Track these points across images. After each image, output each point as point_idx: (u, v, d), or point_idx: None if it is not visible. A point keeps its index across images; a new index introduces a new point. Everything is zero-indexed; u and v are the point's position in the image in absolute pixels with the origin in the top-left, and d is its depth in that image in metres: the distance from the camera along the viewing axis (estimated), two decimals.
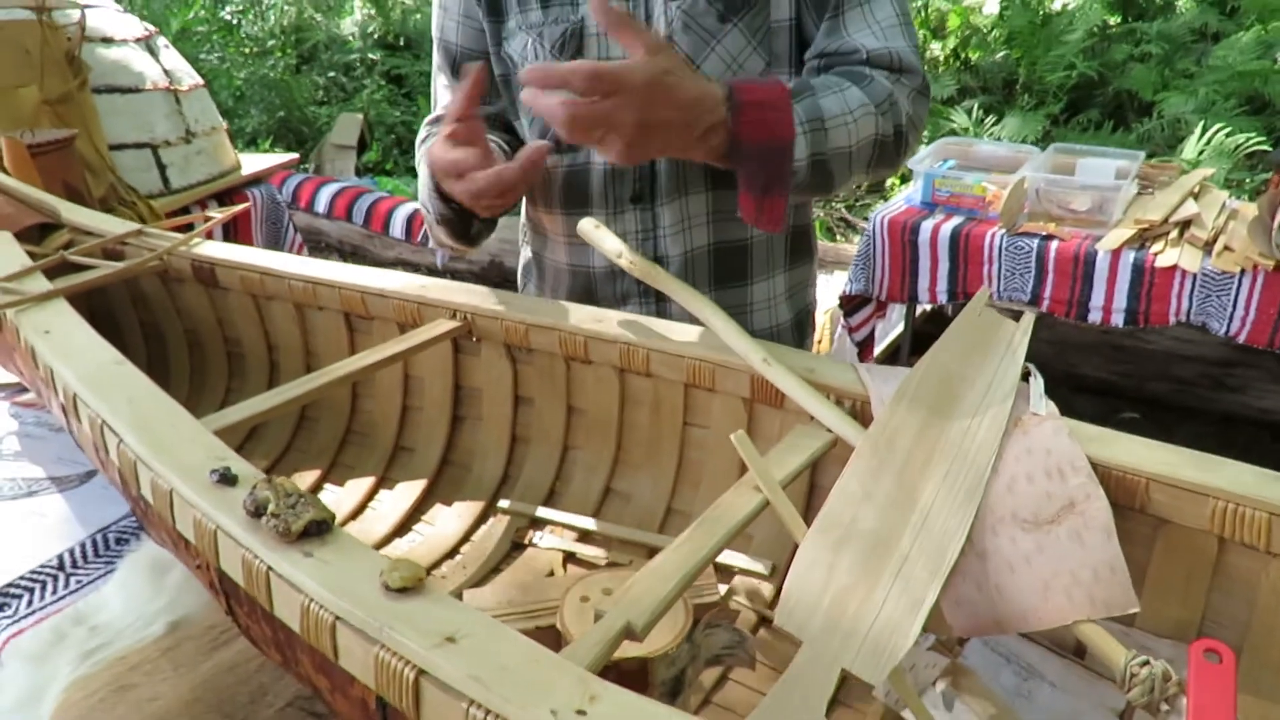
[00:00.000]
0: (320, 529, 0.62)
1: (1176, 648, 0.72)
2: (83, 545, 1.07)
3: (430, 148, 0.98)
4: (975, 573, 0.70)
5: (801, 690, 0.62)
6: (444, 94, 1.17)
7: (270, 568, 0.61)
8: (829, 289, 3.12)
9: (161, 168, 2.35)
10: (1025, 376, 0.80)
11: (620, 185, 1.07)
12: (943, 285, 2.30)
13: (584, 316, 1.00)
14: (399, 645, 0.53)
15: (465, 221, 1.04)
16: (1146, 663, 0.63)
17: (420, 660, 0.53)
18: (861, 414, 0.83)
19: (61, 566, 1.04)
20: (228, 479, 0.68)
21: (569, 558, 0.97)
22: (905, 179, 4.22)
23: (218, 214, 1.28)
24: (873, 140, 0.95)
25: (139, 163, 2.33)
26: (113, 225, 1.25)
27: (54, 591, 0.99)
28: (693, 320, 0.97)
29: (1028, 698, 0.75)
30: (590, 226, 0.98)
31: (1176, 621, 0.73)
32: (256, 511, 0.63)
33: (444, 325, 1.04)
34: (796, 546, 0.71)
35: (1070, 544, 0.69)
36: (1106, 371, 2.91)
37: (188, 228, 1.29)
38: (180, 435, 0.75)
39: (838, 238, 4.43)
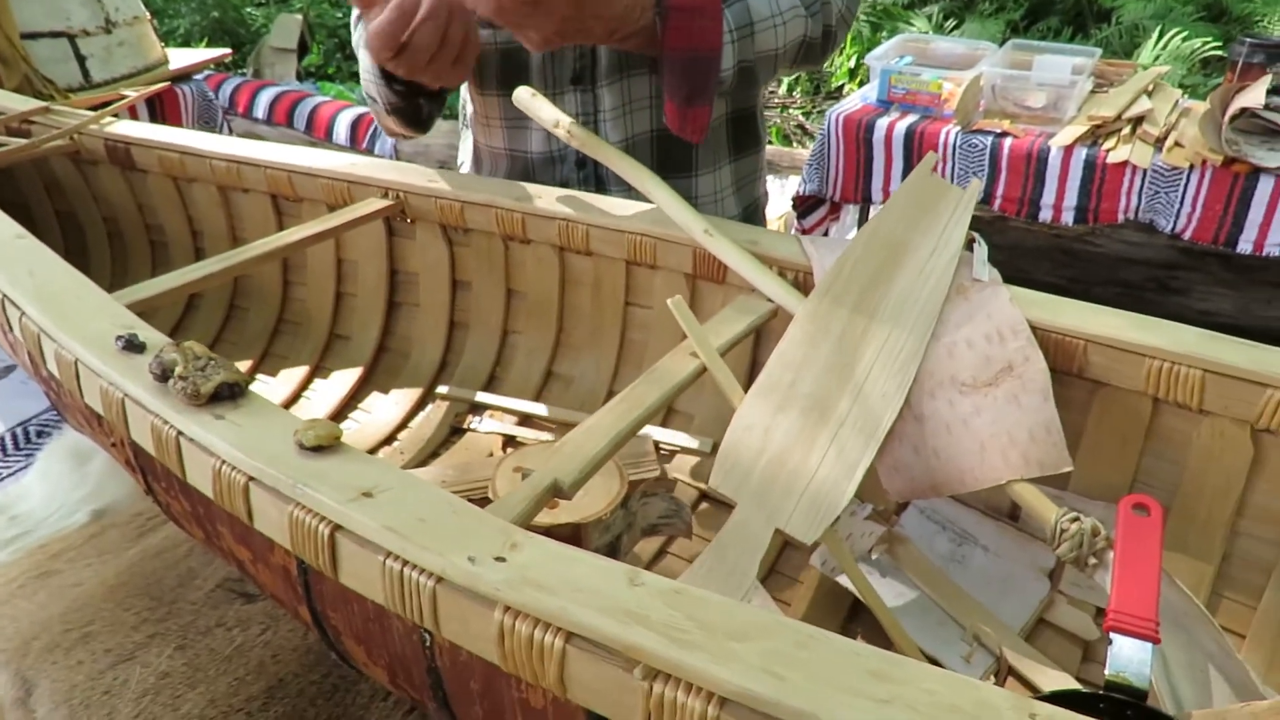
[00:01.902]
0: (233, 392, 0.59)
1: (1108, 509, 0.73)
2: (1, 439, 1.03)
3: (365, 29, 0.91)
4: (913, 436, 0.70)
5: (735, 549, 0.61)
6: None
7: (180, 432, 0.58)
8: (786, 194, 3.09)
9: (80, 59, 2.21)
10: (970, 245, 0.78)
11: (559, 65, 1.01)
12: (897, 184, 2.27)
13: (521, 194, 0.96)
14: (313, 502, 0.51)
15: (413, 104, 0.98)
16: (1076, 519, 0.63)
17: (335, 515, 0.50)
18: (804, 285, 0.81)
19: None
20: (134, 345, 0.64)
21: (509, 441, 0.96)
22: (858, 77, 4.15)
23: (132, 93, 1.20)
24: (800, 41, 0.95)
25: (55, 53, 2.19)
26: (17, 102, 1.17)
27: None
28: (634, 197, 0.93)
29: (962, 562, 0.76)
30: (527, 95, 0.93)
31: (1109, 484, 0.73)
32: (163, 375, 0.60)
33: (376, 204, 0.99)
34: (730, 422, 0.69)
35: (1007, 406, 0.68)
36: (1056, 276, 2.93)
37: (101, 109, 1.21)
38: (86, 307, 0.71)
39: (794, 144, 4.37)
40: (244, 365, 1.09)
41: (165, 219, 1.19)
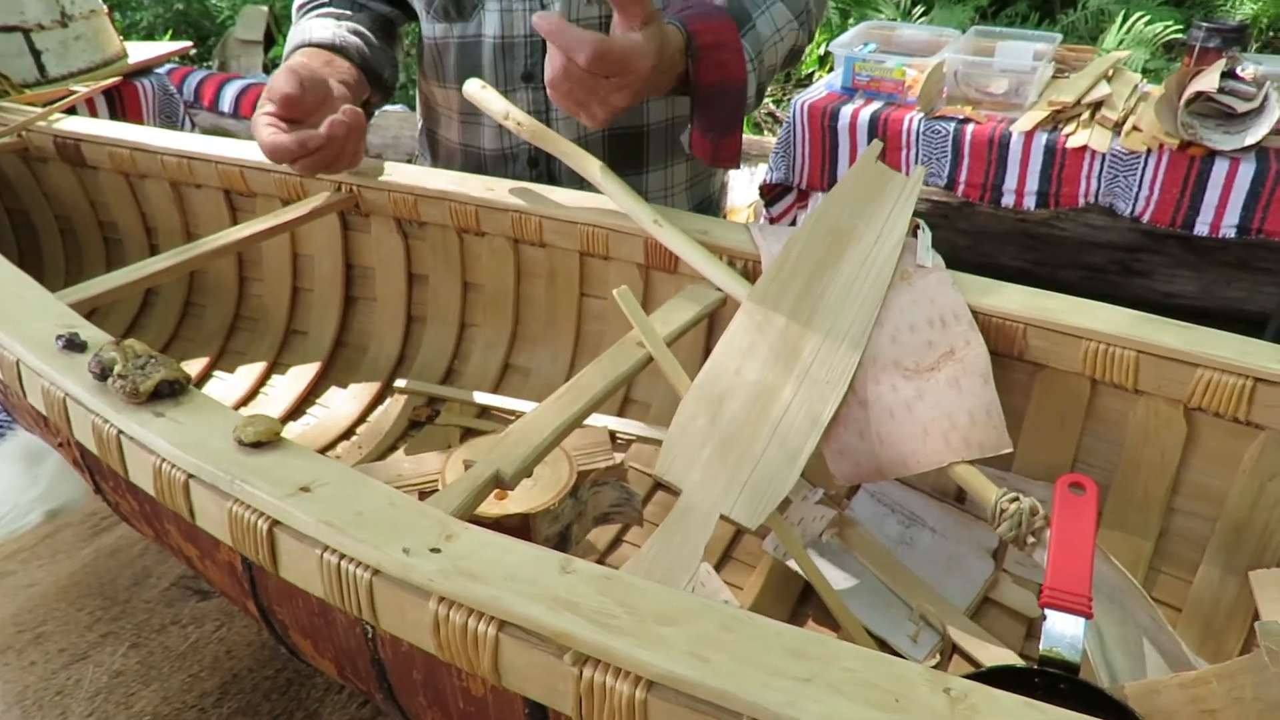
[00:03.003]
0: (173, 389, 0.59)
1: (1049, 489, 0.74)
2: None
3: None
4: (857, 421, 0.71)
5: (680, 535, 0.62)
6: None
7: (120, 430, 0.58)
8: (755, 182, 3.09)
9: (36, 54, 2.17)
10: (914, 231, 0.79)
11: (511, 60, 1.01)
12: None
13: (475, 185, 0.96)
14: (251, 498, 0.51)
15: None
16: (1016, 499, 0.65)
17: (273, 511, 0.51)
18: (754, 274, 0.81)
19: None
20: (75, 344, 0.64)
21: (468, 434, 0.96)
22: (827, 65, 4.16)
23: (82, 89, 1.18)
24: (790, 50, 0.99)
25: (10, 48, 2.15)
26: None
27: None
28: (586, 189, 0.94)
29: (911, 544, 0.77)
30: (476, 87, 0.93)
31: (1050, 465, 0.74)
32: (103, 374, 0.59)
33: (329, 197, 0.99)
34: (676, 411, 0.70)
35: (949, 390, 0.70)
36: (1022, 260, 2.96)
37: (49, 105, 1.19)
38: (28, 306, 0.71)
39: (764, 132, 4.37)
40: (201, 362, 1.08)
41: (118, 216, 1.18)
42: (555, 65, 0.75)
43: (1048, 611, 0.57)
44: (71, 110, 1.16)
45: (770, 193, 2.49)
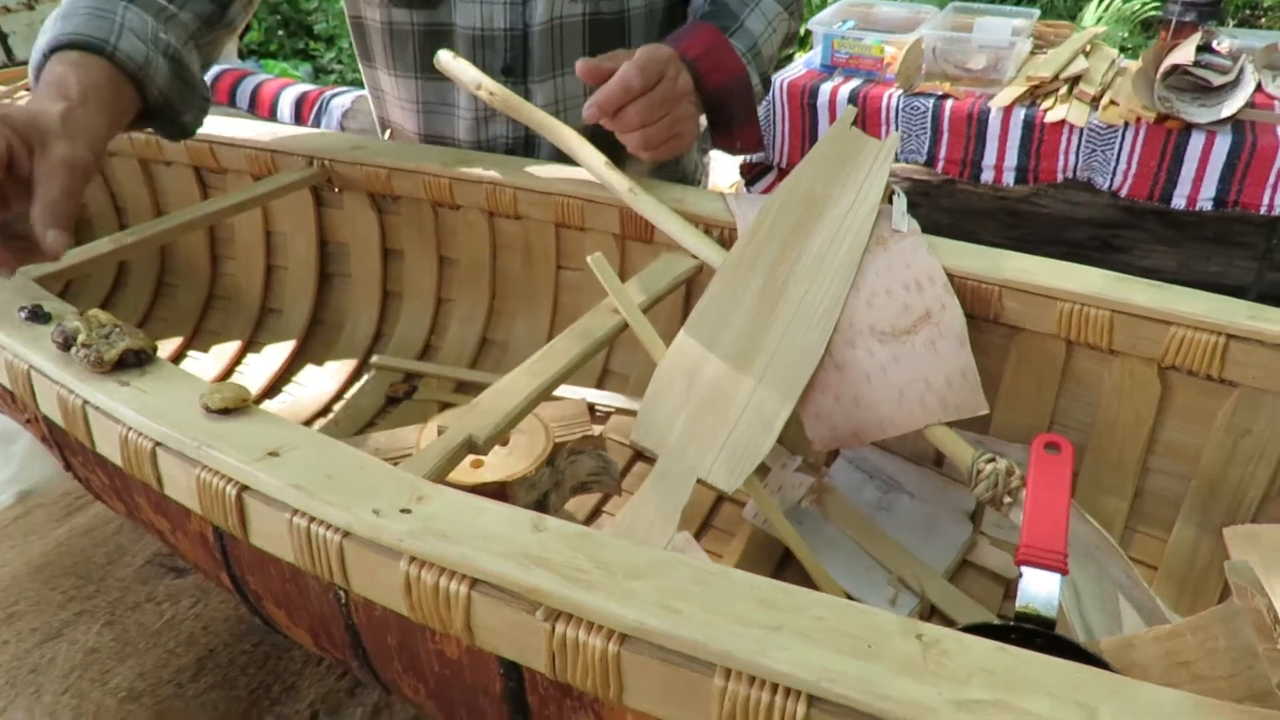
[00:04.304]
0: (139, 359, 0.58)
1: (1025, 451, 0.74)
2: None
3: None
4: (834, 385, 0.70)
5: (657, 500, 0.61)
6: None
7: (85, 401, 0.57)
8: (736, 161, 3.08)
9: (3, 36, 2.15)
10: (890, 196, 0.79)
11: (490, 53, 0.97)
12: None
13: (448, 158, 0.95)
14: (219, 463, 0.51)
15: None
16: (992, 460, 0.65)
17: (241, 476, 0.50)
18: (729, 241, 0.81)
19: None
20: (38, 315, 0.63)
21: (444, 409, 0.95)
22: (807, 44, 4.14)
23: None
24: (784, 37, 1.00)
25: None
26: None
27: None
28: (562, 160, 0.93)
29: (889, 509, 0.78)
30: (448, 58, 0.92)
31: (1028, 427, 0.75)
32: (66, 344, 0.58)
33: (301, 172, 0.98)
34: (651, 377, 0.70)
35: (925, 353, 0.70)
36: (1003, 237, 2.96)
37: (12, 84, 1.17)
38: None
39: None
40: (175, 342, 1.07)
41: (87, 195, 1.16)
42: (612, 92, 0.77)
43: (1024, 569, 0.57)
44: None
45: (751, 172, 2.48)
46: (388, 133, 1.11)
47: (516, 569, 0.42)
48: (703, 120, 0.93)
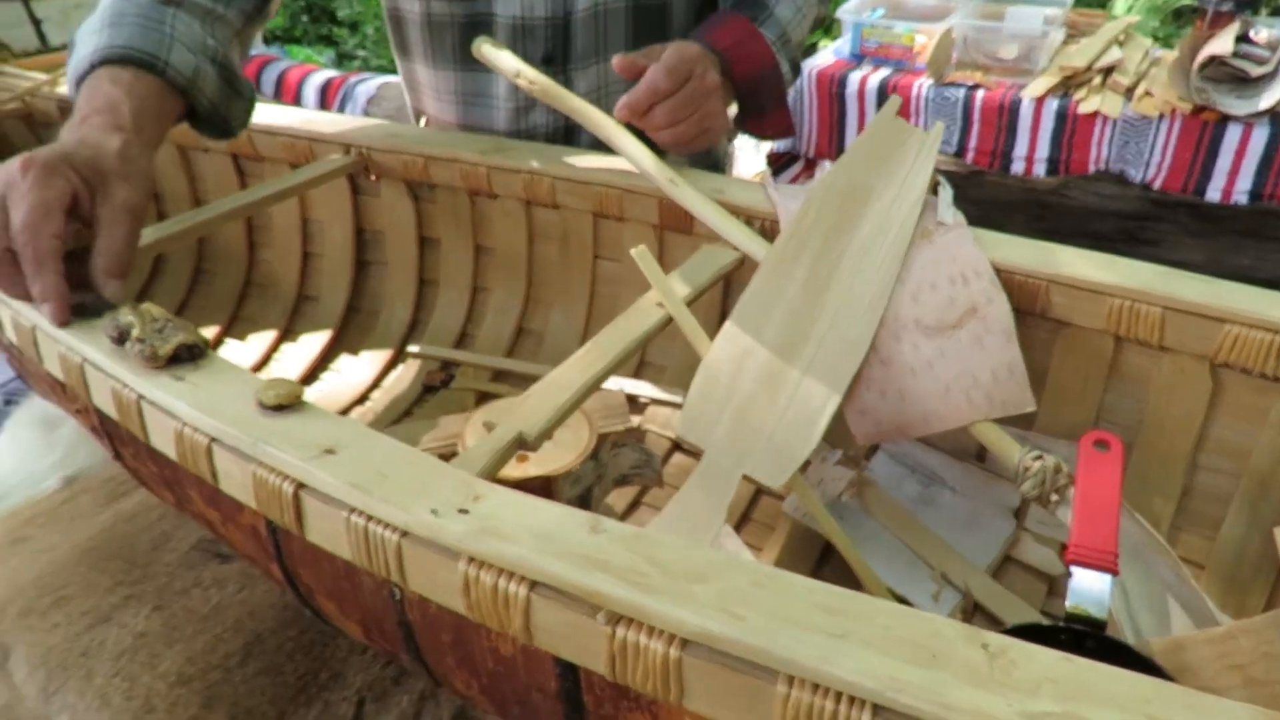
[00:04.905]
0: (192, 353, 0.59)
1: (1071, 447, 0.74)
2: None
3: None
4: (878, 380, 0.70)
5: (703, 495, 0.62)
6: None
7: (141, 395, 0.58)
8: (761, 151, 3.06)
9: (36, 23, 2.16)
10: (934, 188, 0.78)
11: (530, 42, 0.96)
12: None
13: (486, 147, 0.95)
14: (275, 460, 0.51)
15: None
16: (1039, 457, 0.64)
17: (298, 473, 0.50)
18: (771, 233, 0.80)
19: None
20: (91, 310, 0.63)
21: (483, 398, 0.95)
22: (832, 32, 4.10)
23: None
24: (814, 21, 1.01)
25: (10, 17, 2.13)
26: None
27: None
28: (601, 149, 0.92)
29: (930, 504, 0.77)
30: (488, 45, 0.91)
31: (1073, 423, 0.74)
32: (120, 338, 0.59)
33: (338, 160, 0.98)
34: (696, 371, 0.69)
35: (971, 347, 0.69)
36: (1030, 229, 2.93)
37: (55, 70, 1.18)
38: None
39: None
40: (212, 330, 1.08)
41: None
42: (640, 94, 0.79)
43: (1073, 568, 0.57)
44: None
45: (777, 161, 2.47)
46: (423, 121, 1.11)
47: (577, 572, 0.42)
48: (732, 109, 0.94)
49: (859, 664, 0.36)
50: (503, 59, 0.90)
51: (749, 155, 2.99)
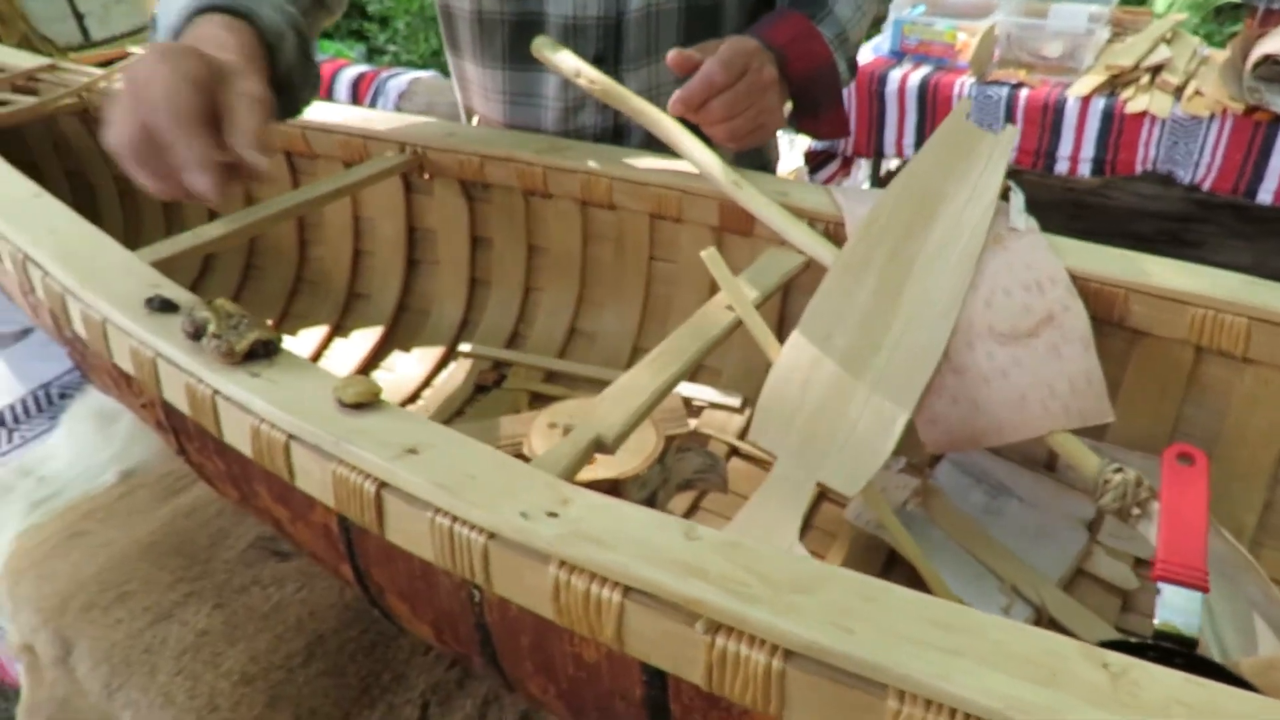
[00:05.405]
0: (267, 350, 0.58)
1: (1147, 459, 0.72)
2: (24, 401, 1.02)
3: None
4: (951, 388, 0.69)
5: (776, 503, 0.61)
6: None
7: (216, 391, 0.57)
8: (797, 149, 3.04)
9: (79, 17, 2.18)
10: (1006, 193, 0.77)
11: (581, 41, 0.96)
12: (910, 138, 2.24)
13: (543, 146, 0.94)
14: (358, 459, 0.51)
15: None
16: (1120, 470, 0.63)
17: (381, 473, 0.50)
18: (834, 236, 0.79)
19: (3, 422, 0.99)
20: (165, 304, 0.63)
21: (535, 398, 0.95)
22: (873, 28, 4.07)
23: (139, 49, 1.17)
24: (872, 16, 1.00)
25: (53, 11, 2.15)
26: (22, 60, 1.14)
27: None
28: (653, 149, 0.92)
29: (997, 514, 0.76)
30: (547, 44, 0.91)
31: (1148, 435, 0.72)
32: (196, 334, 0.59)
33: (393, 159, 0.97)
34: (767, 376, 0.68)
35: (1047, 356, 0.68)
36: (1069, 230, 2.89)
37: (107, 66, 1.18)
38: (110, 265, 0.70)
39: None
40: None
41: None
42: (695, 88, 0.77)
43: (1161, 585, 0.56)
44: None
45: (814, 160, 2.45)
46: (474, 120, 1.11)
47: (674, 579, 0.41)
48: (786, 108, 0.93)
49: (978, 682, 0.35)
50: (563, 59, 0.89)
51: (784, 153, 2.97)
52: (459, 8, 1.00)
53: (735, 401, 0.88)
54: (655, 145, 0.90)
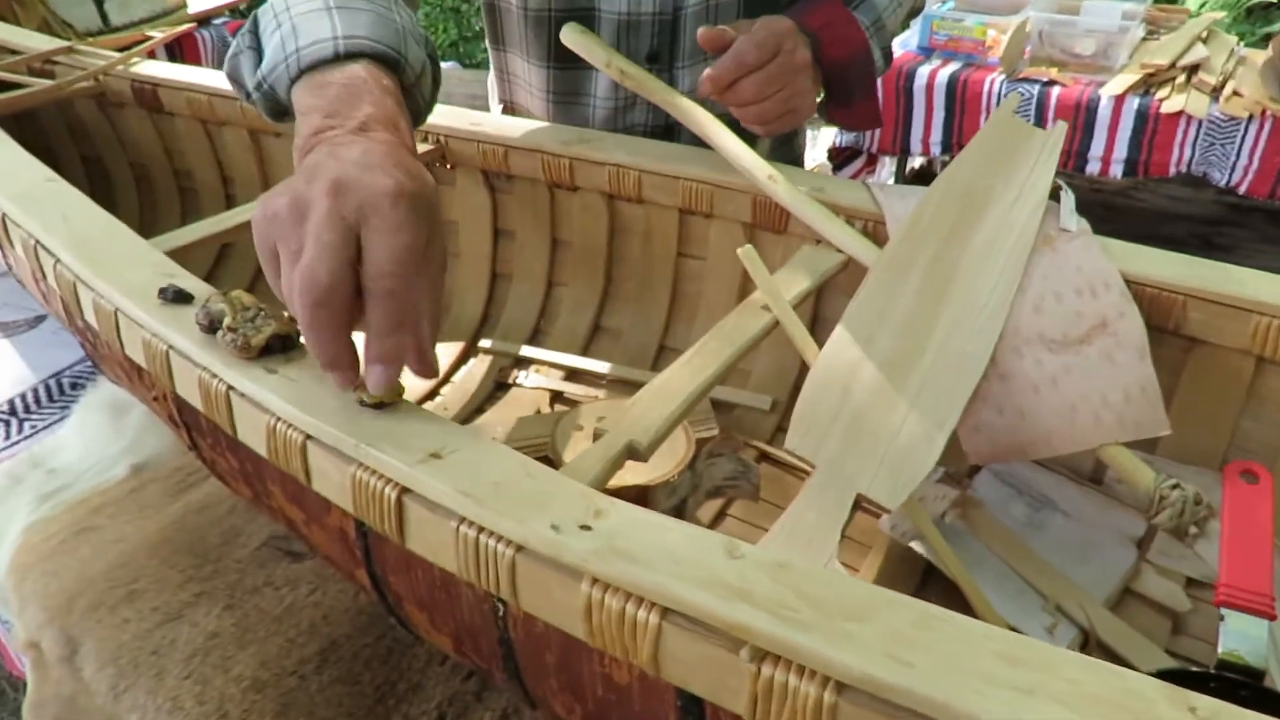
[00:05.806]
0: (284, 344, 0.56)
1: (1201, 474, 0.69)
2: (35, 390, 1.00)
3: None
4: (997, 396, 0.66)
5: (815, 515, 0.58)
6: None
7: (230, 387, 0.55)
8: (820, 144, 3.01)
9: (99, 2, 2.16)
10: (1056, 193, 0.73)
11: (635, 39, 0.93)
12: (937, 136, 2.20)
13: (570, 137, 0.91)
14: (378, 463, 0.48)
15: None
16: (1177, 485, 0.60)
17: (403, 478, 0.47)
18: (874, 234, 0.76)
19: (13, 412, 0.97)
20: (180, 296, 0.60)
21: (556, 397, 0.92)
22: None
23: (158, 34, 1.15)
24: (910, 10, 0.99)
25: None
26: (40, 42, 1.12)
27: (6, 437, 0.93)
28: (693, 142, 0.88)
29: (1040, 528, 0.73)
30: (577, 33, 0.88)
31: (1203, 448, 0.69)
32: (211, 326, 0.56)
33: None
34: (797, 382, 0.65)
35: (1100, 364, 0.64)
36: (1096, 231, 2.86)
37: (126, 50, 1.16)
38: (124, 253, 0.67)
39: None
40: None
41: (194, 164, 1.15)
42: (726, 66, 0.75)
43: (1225, 611, 0.52)
44: (151, 55, 1.13)
45: (838, 156, 2.41)
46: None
47: (718, 602, 0.38)
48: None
49: None
50: (595, 48, 0.86)
51: (807, 149, 2.94)
52: (506, 2, 0.97)
53: (765, 404, 0.85)
54: (703, 144, 0.86)
